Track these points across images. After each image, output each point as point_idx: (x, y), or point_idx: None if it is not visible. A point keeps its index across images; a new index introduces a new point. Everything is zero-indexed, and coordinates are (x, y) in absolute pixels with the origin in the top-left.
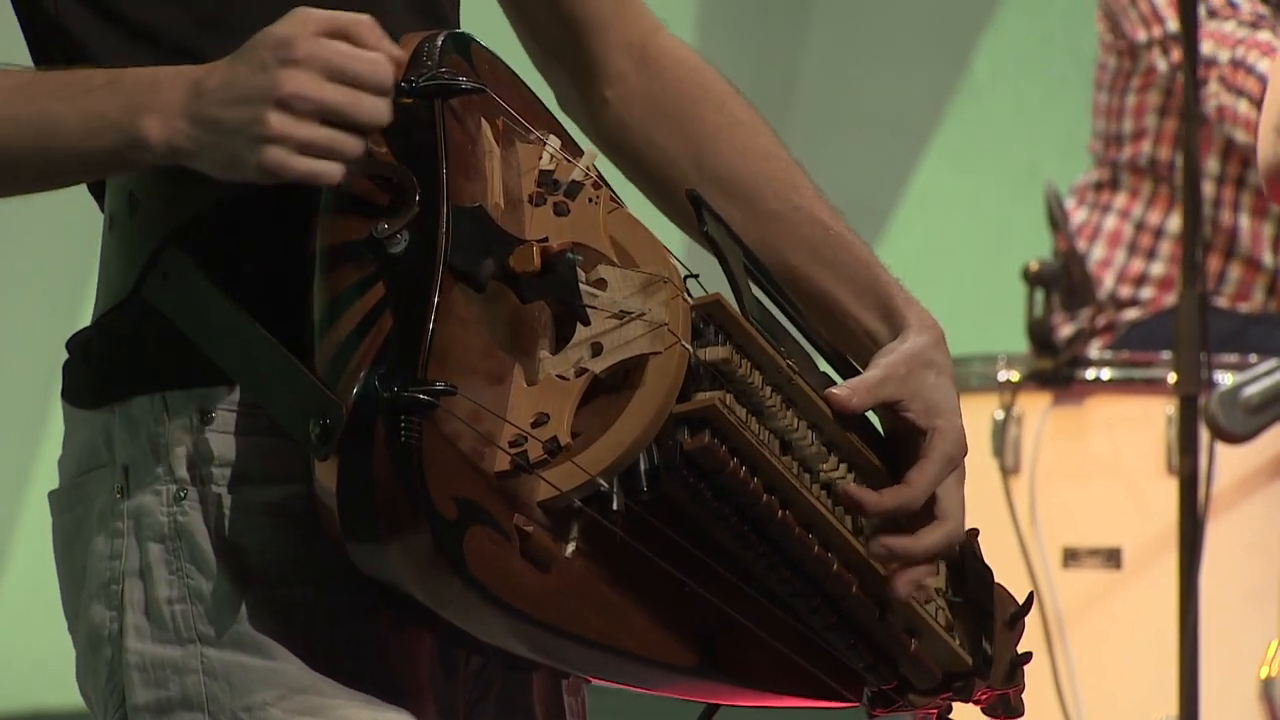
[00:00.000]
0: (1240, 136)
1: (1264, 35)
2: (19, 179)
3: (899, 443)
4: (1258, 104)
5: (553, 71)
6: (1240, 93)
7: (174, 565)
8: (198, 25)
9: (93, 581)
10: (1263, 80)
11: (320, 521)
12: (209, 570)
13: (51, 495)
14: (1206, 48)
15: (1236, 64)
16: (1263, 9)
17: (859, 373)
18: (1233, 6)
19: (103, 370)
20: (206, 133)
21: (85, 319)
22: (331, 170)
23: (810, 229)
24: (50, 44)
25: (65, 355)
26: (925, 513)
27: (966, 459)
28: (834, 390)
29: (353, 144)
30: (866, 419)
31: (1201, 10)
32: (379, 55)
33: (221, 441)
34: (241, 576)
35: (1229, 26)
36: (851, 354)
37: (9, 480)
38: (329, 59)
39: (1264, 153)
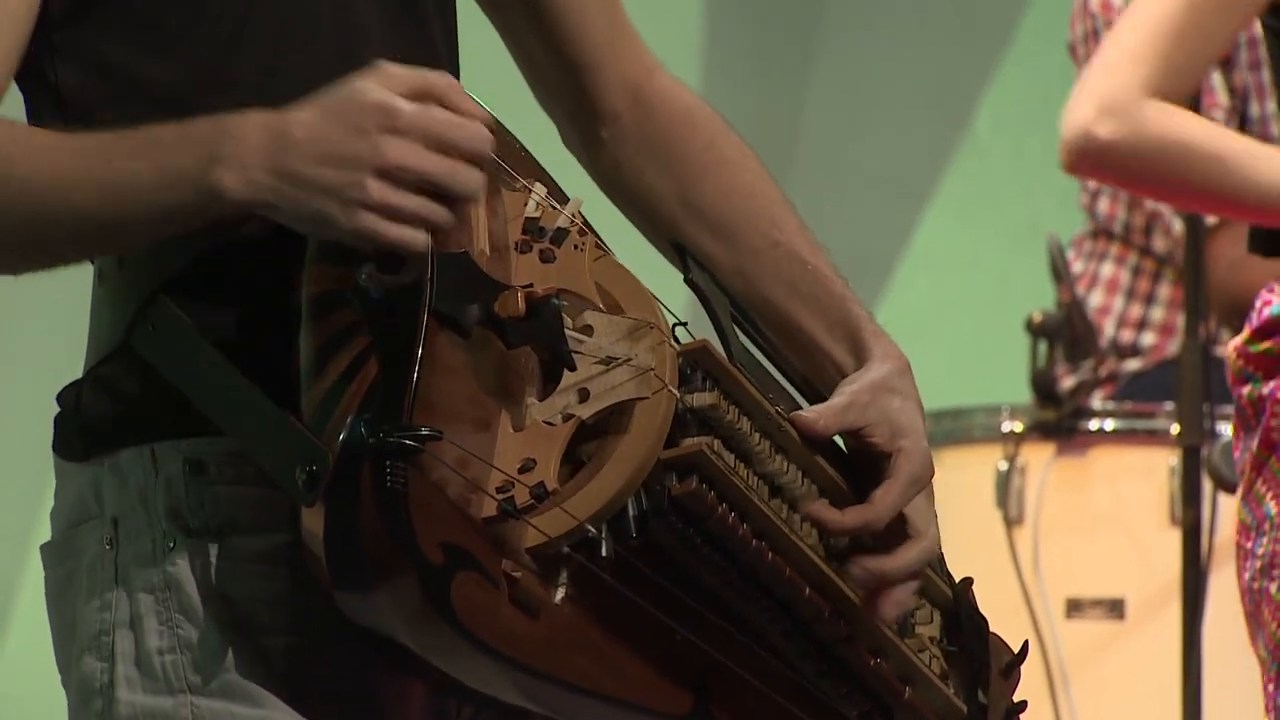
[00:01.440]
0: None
1: None
2: (93, 240)
3: (868, 471)
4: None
5: (553, 111)
6: None
7: (163, 615)
8: (196, 80)
9: (83, 633)
10: None
11: (308, 569)
12: (198, 620)
13: (44, 548)
14: None
15: None
16: (1220, 99)
17: None
18: None
19: (92, 422)
20: (293, 187)
21: None
22: (421, 239)
23: (789, 265)
24: (47, 103)
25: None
26: (898, 533)
27: (969, 510)
28: (801, 413)
29: (444, 214)
30: (849, 458)
31: None
32: (477, 124)
33: (210, 491)
34: (231, 626)
35: None
36: (823, 386)
37: (13, 533)
38: (431, 129)
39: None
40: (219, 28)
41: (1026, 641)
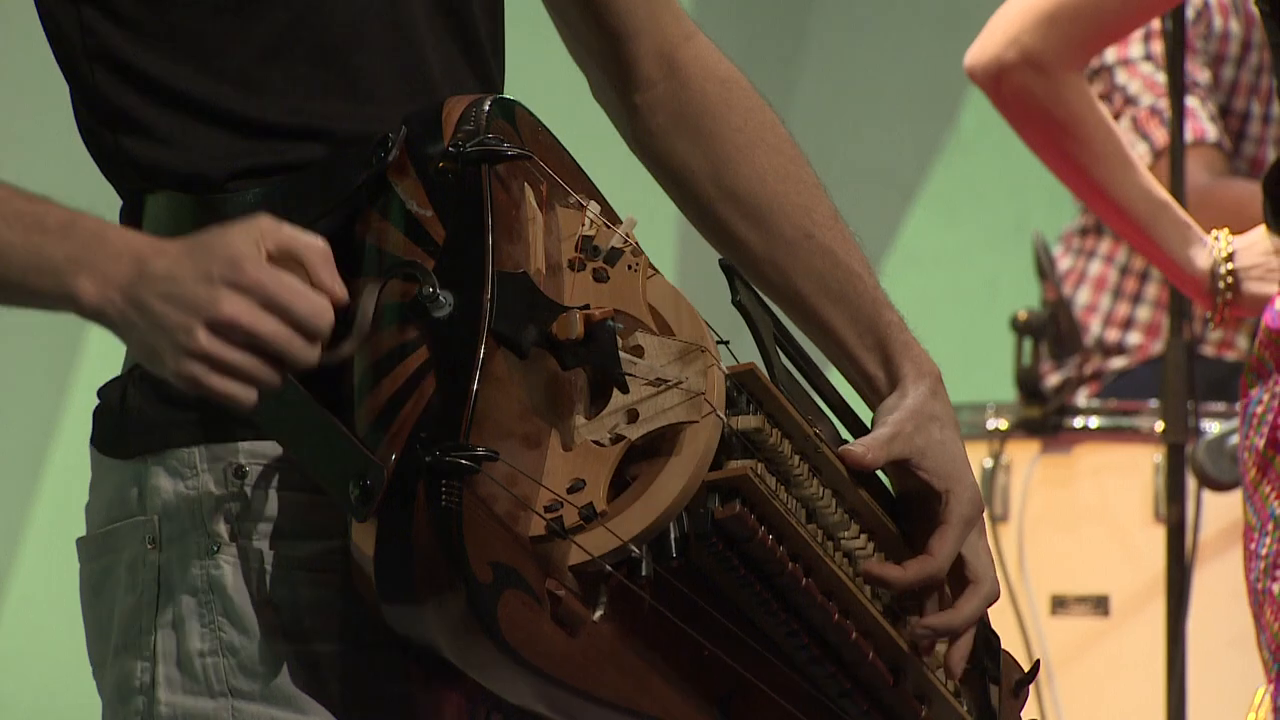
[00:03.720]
0: None
1: (1189, 102)
2: None
3: (912, 503)
4: (1156, 154)
5: (587, 70)
6: (1145, 138)
7: (206, 618)
8: (235, 92)
9: (123, 631)
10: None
11: (354, 580)
12: (241, 624)
13: (79, 542)
14: (1133, 87)
15: (1154, 111)
16: (1200, 77)
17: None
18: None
19: (137, 420)
20: (137, 315)
21: (86, 360)
22: (246, 395)
23: (820, 260)
24: (85, 106)
25: (68, 400)
26: (957, 578)
27: None
28: (850, 447)
29: (271, 376)
30: (881, 482)
31: (1139, 49)
32: (323, 302)
33: (256, 496)
34: (274, 631)
35: (1161, 77)
36: (856, 392)
37: (3, 532)
38: (273, 293)
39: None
40: (257, 40)
41: (1038, 661)
